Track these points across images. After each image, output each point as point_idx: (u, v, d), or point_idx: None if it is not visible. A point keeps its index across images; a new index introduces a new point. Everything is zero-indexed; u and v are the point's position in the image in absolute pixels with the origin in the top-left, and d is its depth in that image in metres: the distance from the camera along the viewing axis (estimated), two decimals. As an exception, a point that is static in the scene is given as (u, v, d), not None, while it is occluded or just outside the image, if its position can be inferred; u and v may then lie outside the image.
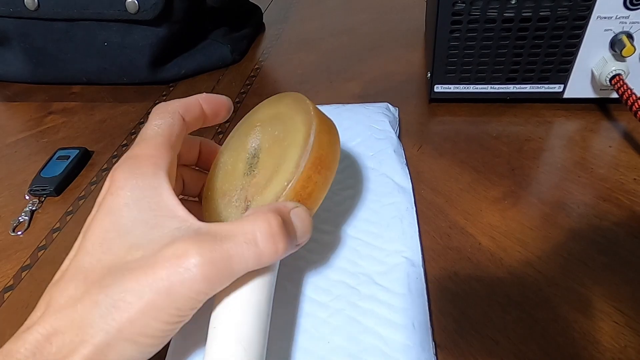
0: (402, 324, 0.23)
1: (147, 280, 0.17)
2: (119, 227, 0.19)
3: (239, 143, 0.26)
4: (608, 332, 0.23)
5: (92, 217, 0.20)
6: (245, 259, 0.18)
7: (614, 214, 0.29)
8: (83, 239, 0.20)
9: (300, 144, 0.22)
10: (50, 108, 0.49)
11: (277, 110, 0.26)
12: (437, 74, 0.39)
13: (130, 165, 0.20)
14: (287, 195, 0.21)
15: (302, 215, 0.21)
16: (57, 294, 0.18)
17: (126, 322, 0.17)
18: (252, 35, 0.58)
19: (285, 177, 0.22)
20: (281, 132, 0.24)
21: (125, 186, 0.20)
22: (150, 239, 0.19)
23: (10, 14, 0.47)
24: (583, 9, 0.33)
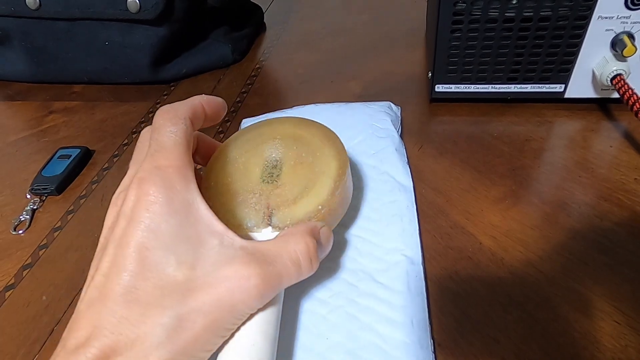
0: (400, 322, 0.23)
1: (211, 299, 0.18)
2: (159, 244, 0.19)
3: (252, 147, 0.28)
4: (609, 332, 0.23)
5: (123, 230, 0.19)
6: (290, 276, 0.21)
7: (614, 214, 0.29)
8: (118, 255, 0.19)
9: (334, 176, 0.25)
10: (52, 107, 0.49)
11: (299, 133, 0.28)
12: (438, 74, 0.39)
13: (160, 178, 0.20)
14: (317, 216, 0.24)
15: (327, 234, 0.24)
16: (105, 315, 0.18)
17: (192, 340, 0.18)
18: (253, 35, 0.58)
19: (318, 201, 0.24)
20: (309, 156, 0.27)
21: (158, 201, 0.19)
22: (197, 256, 0.19)
23: (11, 13, 0.47)
24: (584, 8, 0.33)
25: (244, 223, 0.24)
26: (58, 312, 0.28)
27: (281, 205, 0.25)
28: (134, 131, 0.44)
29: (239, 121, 0.42)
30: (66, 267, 0.31)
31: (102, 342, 0.17)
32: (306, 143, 0.27)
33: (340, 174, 0.25)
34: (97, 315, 0.18)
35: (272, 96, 0.47)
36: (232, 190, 0.26)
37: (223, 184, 0.26)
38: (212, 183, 0.26)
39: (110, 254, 0.19)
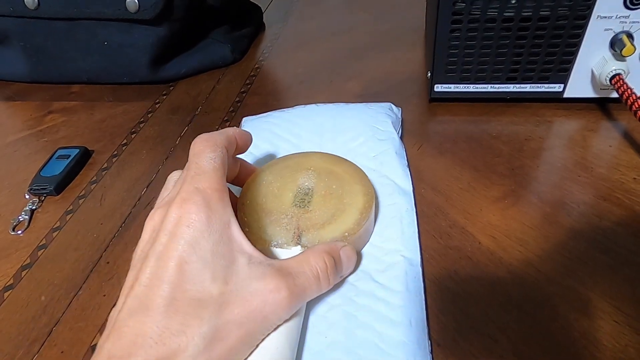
0: (399, 321, 0.23)
1: (244, 312, 0.20)
2: (196, 258, 0.20)
3: (287, 173, 0.30)
4: (608, 332, 0.23)
5: (165, 244, 0.20)
6: (312, 290, 0.23)
7: (614, 213, 0.29)
8: (159, 267, 0.20)
9: (360, 209, 0.28)
10: (50, 107, 0.49)
11: (332, 168, 0.31)
12: (437, 74, 0.39)
13: (202, 198, 0.21)
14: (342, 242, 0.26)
15: (349, 253, 0.26)
16: (149, 324, 0.18)
17: (227, 350, 0.19)
18: (252, 35, 0.58)
19: (344, 228, 0.27)
20: (339, 188, 0.29)
21: (200, 219, 0.21)
22: (229, 272, 0.20)
23: (10, 13, 0.46)
24: (583, 8, 0.33)
25: (274, 239, 0.26)
26: (57, 312, 0.28)
27: (310, 228, 0.27)
28: (133, 131, 0.44)
29: (238, 120, 0.42)
30: (65, 267, 0.31)
31: (148, 352, 0.18)
32: (338, 177, 0.30)
33: (367, 207, 0.28)
34: (141, 325, 0.18)
35: (271, 96, 0.47)
36: (266, 209, 0.28)
37: (258, 203, 0.29)
38: (248, 201, 0.29)
39: (151, 265, 0.20)
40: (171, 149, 0.41)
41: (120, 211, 0.35)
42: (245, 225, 0.27)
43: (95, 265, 0.30)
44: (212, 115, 0.45)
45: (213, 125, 0.43)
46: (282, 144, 0.36)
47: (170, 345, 0.18)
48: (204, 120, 0.44)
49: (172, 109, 0.46)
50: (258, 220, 0.27)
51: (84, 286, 0.29)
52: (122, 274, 0.30)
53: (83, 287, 0.29)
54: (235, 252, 0.21)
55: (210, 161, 0.23)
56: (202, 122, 0.44)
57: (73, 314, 0.27)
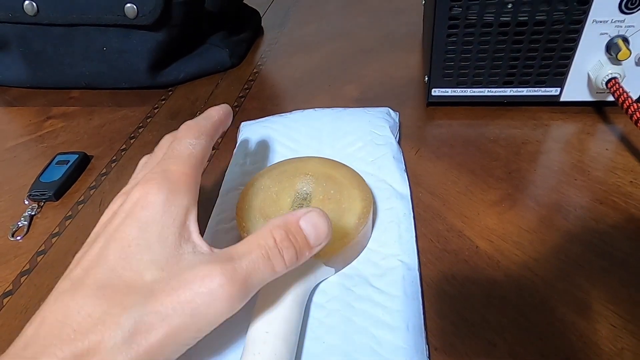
0: (396, 326, 0.23)
1: (171, 303, 0.17)
2: (142, 242, 0.19)
3: (285, 178, 0.31)
4: (605, 335, 0.23)
5: (117, 225, 0.20)
6: (262, 273, 0.19)
7: (610, 217, 0.30)
8: (104, 248, 0.19)
9: (358, 214, 0.28)
10: (50, 112, 0.49)
11: (331, 173, 0.31)
12: (434, 78, 0.39)
13: (166, 180, 0.21)
14: (341, 250, 0.26)
15: (315, 220, 0.21)
16: (73, 309, 0.17)
17: (149, 347, 0.17)
18: (250, 39, 0.58)
19: (342, 234, 0.27)
20: (337, 193, 0.29)
21: (157, 201, 0.20)
22: (168, 258, 0.19)
23: (9, 19, 0.47)
24: (579, 13, 0.34)
25: None
26: (56, 318, 0.28)
27: None
28: (132, 136, 0.44)
29: (236, 125, 0.42)
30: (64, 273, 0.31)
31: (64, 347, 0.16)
32: (336, 182, 0.30)
33: (365, 212, 0.28)
34: (65, 309, 0.17)
35: (269, 100, 0.47)
36: (265, 214, 0.28)
37: (256, 208, 0.29)
38: (246, 206, 0.29)
39: (97, 247, 0.19)
40: (170, 153, 0.41)
41: (119, 216, 0.35)
42: (244, 230, 0.28)
43: (94, 271, 0.31)
44: (211, 120, 0.45)
45: (212, 130, 0.43)
46: (280, 149, 0.36)
47: (89, 337, 0.17)
48: (202, 125, 0.44)
49: (171, 114, 0.47)
50: (256, 225, 0.28)
51: (83, 292, 0.29)
52: (121, 279, 0.30)
53: (82, 293, 0.29)
54: (181, 239, 0.20)
55: (189, 147, 0.23)
56: (201, 127, 0.44)
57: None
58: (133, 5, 0.44)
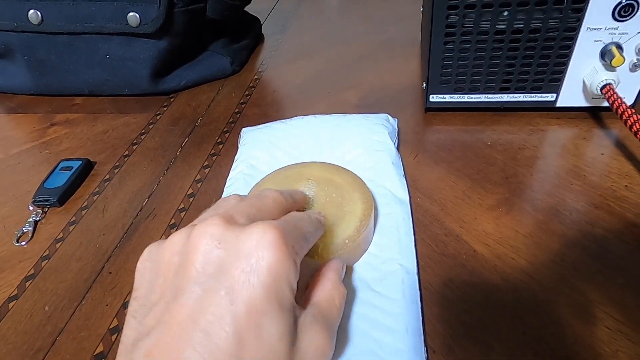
0: (395, 329, 0.24)
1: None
2: (271, 311, 0.19)
3: (287, 184, 0.31)
4: (600, 337, 0.24)
5: (250, 291, 0.18)
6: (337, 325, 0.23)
7: (605, 221, 0.30)
8: (228, 302, 0.17)
9: (360, 216, 0.28)
10: (53, 119, 0.50)
11: (332, 177, 0.31)
12: (432, 84, 0.40)
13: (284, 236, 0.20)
14: (343, 249, 0.27)
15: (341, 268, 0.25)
16: None
17: None
18: (251, 46, 0.59)
19: (345, 236, 0.27)
20: (338, 197, 0.30)
21: (276, 264, 0.19)
22: (293, 329, 0.20)
23: (14, 29, 0.48)
24: (573, 20, 0.34)
25: None
26: (60, 322, 0.28)
27: None
28: (135, 142, 0.45)
29: (237, 131, 0.43)
30: (68, 278, 0.31)
31: None
32: (337, 186, 0.31)
33: (366, 214, 0.28)
34: None
35: (270, 106, 0.48)
36: None
37: None
38: None
39: (223, 306, 0.17)
40: (172, 160, 0.41)
41: (122, 222, 0.35)
42: None
43: (97, 276, 0.31)
44: (212, 126, 0.45)
45: (213, 136, 0.44)
46: (281, 155, 0.37)
47: None
48: (203, 132, 0.45)
49: (173, 120, 0.47)
50: None
51: (87, 296, 0.30)
52: (124, 284, 0.30)
53: (86, 297, 0.30)
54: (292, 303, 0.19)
55: None
56: (202, 133, 0.45)
57: (76, 324, 0.28)
58: (136, 14, 0.45)
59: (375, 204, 0.32)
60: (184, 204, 0.36)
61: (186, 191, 0.37)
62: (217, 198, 0.35)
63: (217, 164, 0.40)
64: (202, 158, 0.41)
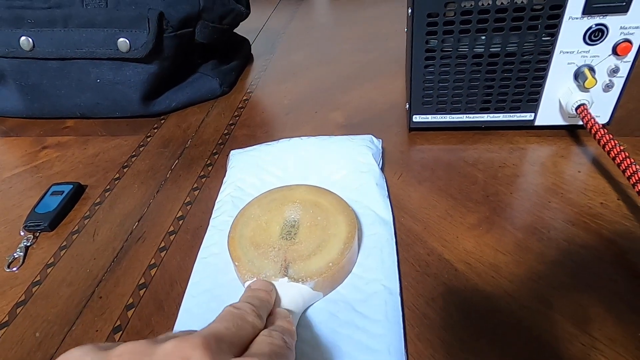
0: (378, 349, 0.24)
1: None
2: None
3: (274, 207, 0.32)
4: (575, 354, 0.25)
5: None
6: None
7: (581, 238, 0.31)
8: None
9: (344, 239, 0.29)
10: (45, 142, 0.51)
11: (317, 200, 0.32)
12: (414, 105, 0.41)
13: None
14: (327, 272, 0.28)
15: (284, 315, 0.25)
16: None
17: None
18: (240, 67, 0.60)
19: (329, 258, 0.28)
20: (323, 220, 0.31)
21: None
22: None
23: (6, 54, 0.48)
24: (547, 44, 0.36)
25: (263, 272, 0.28)
26: (51, 348, 0.29)
27: (297, 259, 0.28)
28: (125, 165, 0.45)
29: (226, 153, 0.44)
30: (59, 303, 0.32)
31: None
32: (322, 209, 0.32)
33: (350, 237, 0.29)
34: None
35: (259, 127, 0.49)
36: (255, 242, 0.30)
37: (246, 237, 0.30)
38: (237, 235, 0.31)
39: None
40: (162, 182, 0.42)
41: (113, 246, 0.36)
42: (235, 259, 0.29)
43: (88, 300, 0.32)
44: (202, 148, 0.46)
45: (202, 158, 0.45)
46: (269, 178, 0.38)
47: None
48: (193, 153, 0.46)
49: (163, 143, 0.48)
50: (247, 253, 0.29)
51: (77, 321, 0.30)
52: (114, 308, 0.31)
53: (76, 323, 0.30)
54: None
55: None
56: (192, 155, 0.45)
57: (67, 350, 0.28)
58: (126, 40, 0.46)
59: (360, 225, 0.33)
60: (173, 227, 0.37)
61: (176, 214, 0.38)
62: (206, 220, 0.36)
63: (206, 186, 0.41)
64: (192, 180, 0.42)
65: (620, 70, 0.36)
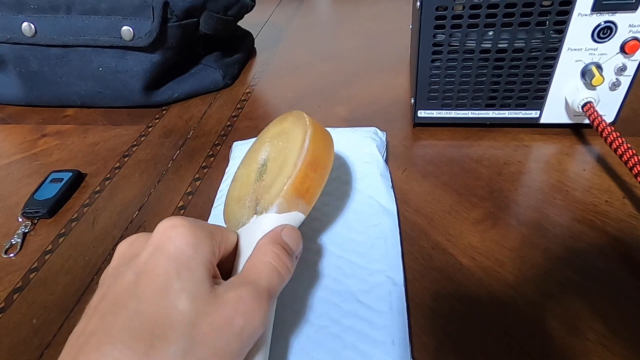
0: (382, 341, 0.24)
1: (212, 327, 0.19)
2: (172, 271, 0.20)
3: (252, 158, 0.31)
4: (581, 349, 0.24)
5: (147, 259, 0.20)
6: (277, 284, 0.22)
7: (587, 235, 0.31)
8: (136, 281, 0.20)
9: (298, 148, 0.26)
10: (44, 130, 0.50)
11: (282, 127, 0.30)
12: (420, 100, 0.41)
13: (192, 220, 0.22)
14: (287, 190, 0.25)
15: (290, 233, 0.25)
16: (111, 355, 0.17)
17: None
18: (243, 60, 0.60)
19: (286, 174, 0.26)
20: (285, 142, 0.29)
21: (186, 235, 0.21)
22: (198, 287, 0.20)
23: (7, 40, 0.48)
24: (555, 41, 0.36)
25: (240, 222, 0.27)
26: (48, 335, 0.28)
27: (264, 194, 0.27)
28: (126, 154, 0.45)
29: (229, 145, 0.43)
30: (57, 290, 0.31)
31: None
32: (285, 132, 0.29)
33: (302, 144, 0.26)
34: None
35: (261, 120, 0.48)
36: (238, 198, 0.29)
37: (233, 197, 0.30)
38: (227, 201, 0.30)
39: (126, 280, 0.20)
40: (163, 172, 0.42)
41: (112, 234, 0.35)
42: (226, 222, 0.29)
43: (86, 288, 0.31)
44: (204, 139, 0.46)
45: (204, 149, 0.44)
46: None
47: None
48: (195, 144, 0.45)
49: (165, 133, 0.48)
50: (233, 211, 0.28)
51: (75, 309, 0.30)
52: (113, 296, 0.30)
53: (74, 310, 0.30)
54: (208, 272, 0.21)
55: None
56: (194, 146, 0.45)
57: (64, 337, 0.28)
58: (129, 28, 0.46)
59: (362, 214, 0.32)
60: (174, 217, 0.36)
61: (177, 203, 0.38)
62: (208, 210, 0.36)
63: (208, 177, 0.40)
64: (193, 170, 0.41)
65: (627, 69, 0.36)
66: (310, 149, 0.26)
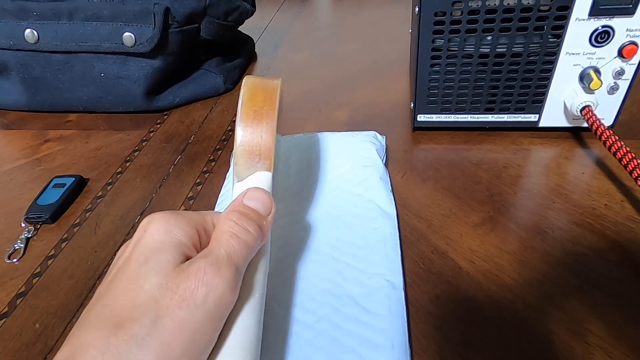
0: (381, 345, 0.24)
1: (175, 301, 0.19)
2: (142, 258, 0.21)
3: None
4: (580, 353, 0.25)
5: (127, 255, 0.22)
6: (239, 250, 0.22)
7: (586, 238, 0.31)
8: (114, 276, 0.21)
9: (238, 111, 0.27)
10: (47, 136, 0.50)
11: None
12: (419, 104, 0.41)
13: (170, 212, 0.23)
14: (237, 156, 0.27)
15: (253, 195, 0.25)
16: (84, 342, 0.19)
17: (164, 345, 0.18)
18: (244, 65, 0.60)
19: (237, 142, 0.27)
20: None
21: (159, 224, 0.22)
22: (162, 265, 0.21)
23: (10, 47, 0.48)
24: (553, 45, 0.36)
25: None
26: (50, 340, 0.28)
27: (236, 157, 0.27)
28: (128, 159, 0.45)
29: (230, 149, 0.44)
30: (59, 295, 0.31)
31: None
32: None
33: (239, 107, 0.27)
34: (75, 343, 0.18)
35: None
36: None
37: None
38: None
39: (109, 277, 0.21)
40: (164, 177, 0.42)
41: (114, 239, 0.36)
42: None
43: (89, 293, 0.31)
44: (205, 144, 0.46)
45: (206, 154, 0.45)
46: (271, 173, 0.38)
47: None
48: (196, 149, 0.46)
49: (166, 138, 0.48)
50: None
51: (78, 314, 0.30)
52: (115, 301, 0.30)
53: (77, 315, 0.30)
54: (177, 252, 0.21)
55: None
56: (195, 151, 0.45)
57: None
58: (131, 34, 0.46)
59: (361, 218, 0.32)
60: (176, 221, 0.37)
61: (178, 208, 0.38)
62: (209, 215, 0.36)
63: (209, 181, 0.41)
64: (195, 175, 0.42)
65: (625, 73, 0.36)
66: (245, 107, 0.27)
